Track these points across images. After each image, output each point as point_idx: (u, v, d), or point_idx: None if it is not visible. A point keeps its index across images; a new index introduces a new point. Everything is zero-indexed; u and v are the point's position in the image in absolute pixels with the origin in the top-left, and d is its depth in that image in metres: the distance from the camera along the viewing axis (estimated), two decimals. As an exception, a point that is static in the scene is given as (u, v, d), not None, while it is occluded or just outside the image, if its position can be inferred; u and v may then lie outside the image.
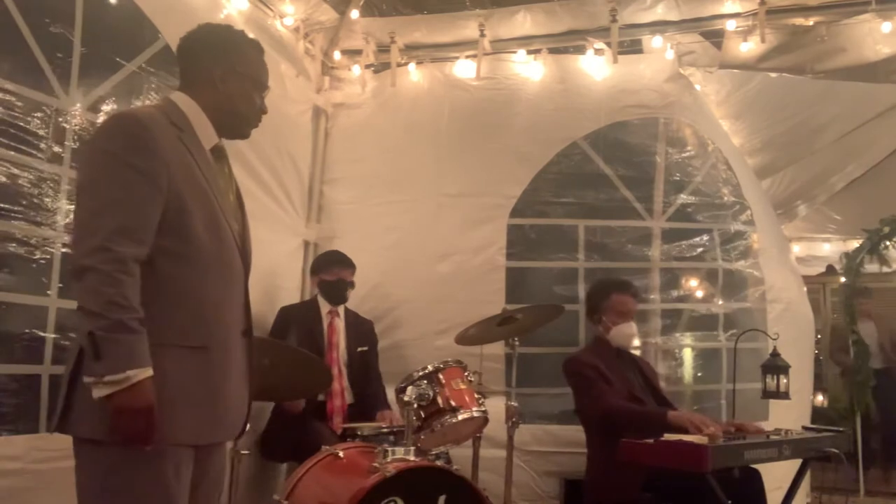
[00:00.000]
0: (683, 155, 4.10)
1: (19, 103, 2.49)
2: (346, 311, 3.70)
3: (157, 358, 1.60)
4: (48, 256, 2.57)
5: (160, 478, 1.62)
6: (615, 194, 4.03)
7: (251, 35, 3.50)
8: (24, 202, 2.50)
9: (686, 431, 2.74)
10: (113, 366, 1.52)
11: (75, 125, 2.68)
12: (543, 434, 3.78)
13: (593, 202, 4.04)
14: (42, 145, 2.56)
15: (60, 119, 2.63)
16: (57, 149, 2.61)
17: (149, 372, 1.56)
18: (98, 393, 1.53)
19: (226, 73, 1.87)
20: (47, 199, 2.57)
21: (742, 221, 4.15)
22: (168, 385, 1.61)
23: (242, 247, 1.88)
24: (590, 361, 3.27)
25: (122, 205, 1.61)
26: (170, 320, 1.65)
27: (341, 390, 3.48)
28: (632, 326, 3.42)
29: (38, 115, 2.55)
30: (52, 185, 2.59)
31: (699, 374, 4.02)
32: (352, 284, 3.66)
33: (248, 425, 1.96)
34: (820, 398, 6.60)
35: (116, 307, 1.53)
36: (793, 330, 4.01)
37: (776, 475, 3.16)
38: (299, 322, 3.50)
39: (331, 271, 3.62)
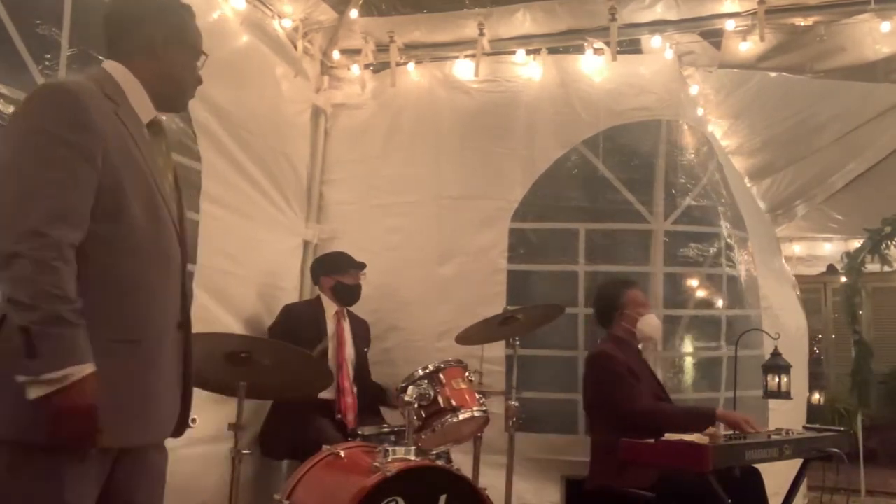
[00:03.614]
0: (687, 157, 4.08)
1: (6, 104, 2.46)
2: (348, 311, 3.71)
3: None
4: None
5: (57, 484, 1.46)
6: (617, 198, 4.02)
7: (249, 37, 3.61)
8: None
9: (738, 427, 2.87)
10: (51, 363, 1.38)
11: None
12: (544, 443, 3.78)
13: (595, 206, 4.03)
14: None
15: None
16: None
17: (90, 368, 1.42)
18: (34, 393, 1.38)
19: (167, 40, 1.73)
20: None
21: (736, 226, 4.15)
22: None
23: (181, 232, 1.74)
24: (620, 358, 3.26)
25: (56, 185, 1.45)
26: (98, 312, 1.50)
27: (351, 387, 3.50)
28: (654, 316, 3.44)
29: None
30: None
31: (699, 381, 3.99)
32: (360, 287, 3.69)
33: (196, 421, 1.87)
34: (816, 397, 6.60)
35: (53, 298, 1.39)
36: (784, 338, 3.99)
37: (778, 480, 3.16)
38: (308, 321, 3.52)
39: (350, 274, 3.64)
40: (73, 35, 2.68)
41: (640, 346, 3.49)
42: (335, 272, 3.65)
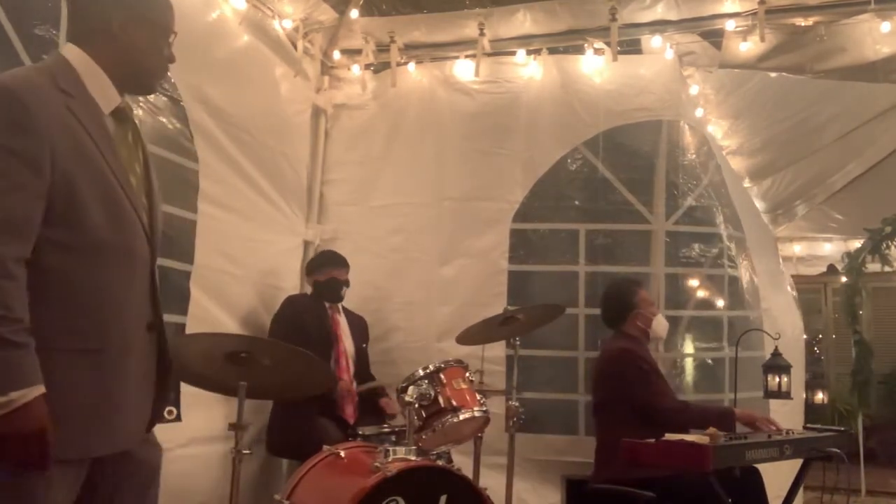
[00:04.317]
0: (688, 158, 4.08)
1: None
2: (343, 308, 3.72)
3: (43, 365, 1.40)
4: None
5: (29, 498, 1.42)
6: (617, 198, 4.02)
7: (249, 37, 3.61)
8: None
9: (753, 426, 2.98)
10: None
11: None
12: (544, 444, 3.78)
13: (595, 206, 4.03)
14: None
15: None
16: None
17: (38, 391, 1.36)
18: None
19: (127, 20, 1.60)
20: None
21: (735, 227, 4.14)
22: (55, 396, 1.40)
23: (150, 227, 1.64)
24: (645, 356, 3.28)
25: None
26: (58, 322, 1.45)
27: (350, 381, 3.51)
28: (663, 316, 3.51)
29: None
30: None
31: (703, 383, 3.97)
32: (346, 283, 3.67)
33: (174, 412, 1.82)
34: (820, 396, 6.60)
35: None
36: (781, 339, 3.97)
37: (779, 480, 3.16)
38: (309, 313, 3.54)
39: (322, 272, 3.65)
40: (71, 35, 2.67)
41: (648, 345, 3.50)
42: (312, 272, 3.70)
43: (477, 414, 2.94)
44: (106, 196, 1.53)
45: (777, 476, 3.17)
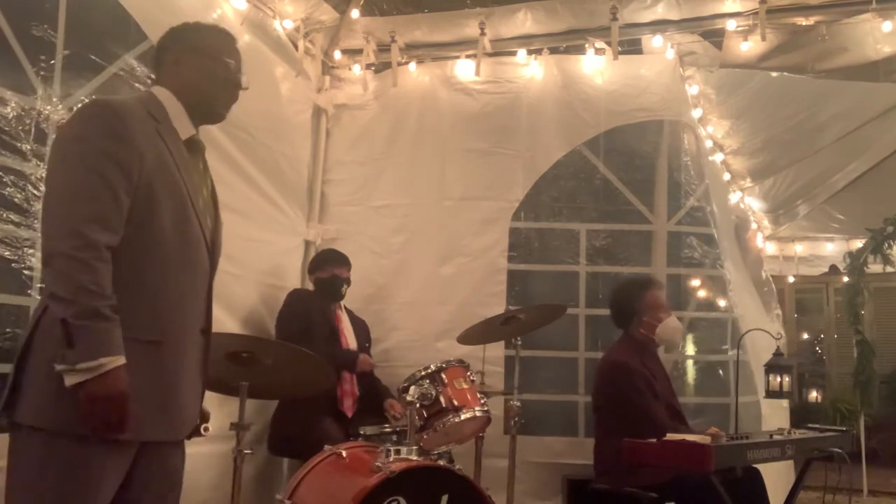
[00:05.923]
0: (689, 158, 4.07)
1: (2, 106, 2.47)
2: (346, 308, 3.72)
3: None
4: (30, 257, 2.54)
5: (85, 473, 1.57)
6: (619, 198, 4.02)
7: (250, 37, 3.61)
8: (5, 203, 2.48)
9: None
10: (86, 353, 1.50)
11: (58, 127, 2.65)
12: (544, 446, 3.77)
13: (596, 206, 4.04)
14: (24, 147, 2.53)
15: (42, 121, 2.59)
16: (40, 150, 2.58)
17: (122, 360, 1.55)
18: (70, 381, 1.50)
19: (179, 53, 1.86)
20: (28, 201, 2.54)
21: (719, 230, 4.14)
22: None
23: (212, 245, 1.85)
24: (639, 369, 3.16)
25: (96, 191, 1.59)
26: (125, 311, 1.60)
27: (351, 376, 3.48)
28: (675, 319, 3.34)
29: (21, 116, 2.52)
30: (33, 186, 2.55)
31: (706, 385, 3.95)
32: (347, 281, 3.67)
33: (209, 429, 1.96)
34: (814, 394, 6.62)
35: (90, 294, 1.51)
36: (757, 343, 3.97)
37: (781, 483, 3.15)
38: (314, 307, 3.54)
39: (324, 269, 3.66)
40: (69, 36, 2.68)
41: (656, 349, 3.42)
42: (314, 270, 3.71)
43: (478, 413, 2.94)
44: (178, 208, 1.73)
45: (778, 476, 3.16)
